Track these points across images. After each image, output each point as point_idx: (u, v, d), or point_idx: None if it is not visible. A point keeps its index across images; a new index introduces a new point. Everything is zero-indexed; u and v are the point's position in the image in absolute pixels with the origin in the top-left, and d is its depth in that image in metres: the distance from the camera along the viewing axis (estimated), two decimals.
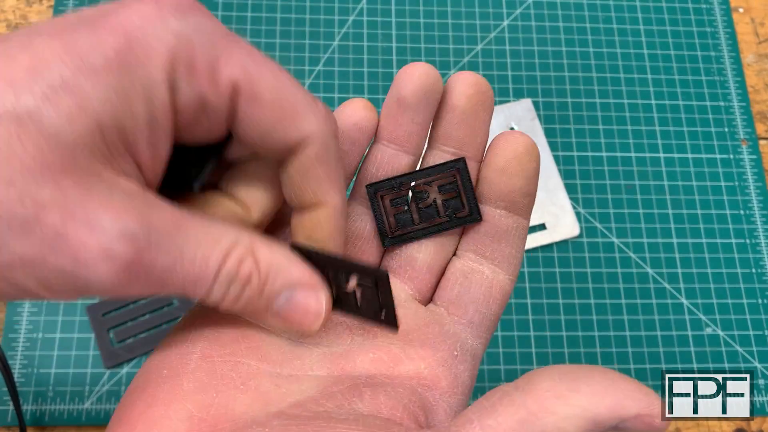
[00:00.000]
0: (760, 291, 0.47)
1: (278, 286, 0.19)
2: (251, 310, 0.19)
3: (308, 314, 0.20)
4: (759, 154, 0.50)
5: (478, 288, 0.23)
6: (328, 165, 0.20)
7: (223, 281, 0.18)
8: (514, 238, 0.23)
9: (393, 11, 0.52)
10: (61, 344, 0.42)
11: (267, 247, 0.19)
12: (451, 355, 0.22)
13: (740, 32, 0.54)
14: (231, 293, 0.18)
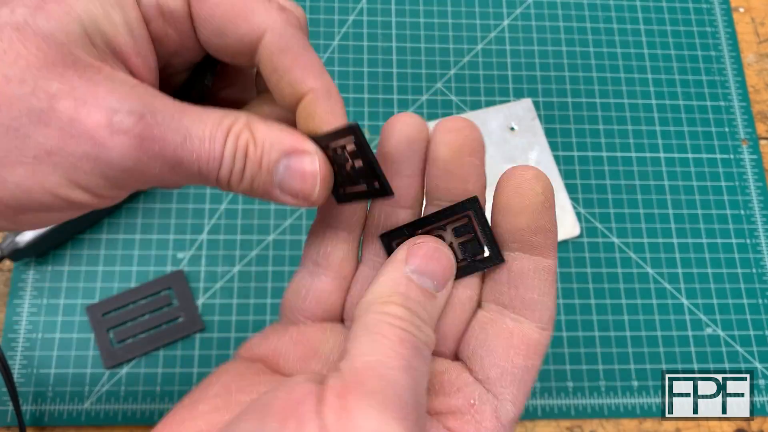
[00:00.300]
0: (761, 291, 0.47)
1: (275, 156, 0.20)
2: (259, 187, 0.20)
3: (306, 177, 0.20)
4: (759, 154, 0.50)
5: (494, 340, 0.21)
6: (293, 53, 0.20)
7: (228, 155, 0.19)
8: (536, 281, 0.21)
9: (393, 11, 0.52)
10: (61, 344, 0.42)
11: (263, 123, 0.20)
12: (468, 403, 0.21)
13: (741, 32, 0.54)
14: (236, 168, 0.19)
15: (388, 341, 0.18)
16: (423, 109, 0.49)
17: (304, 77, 0.20)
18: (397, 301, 0.19)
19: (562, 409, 0.43)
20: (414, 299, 0.20)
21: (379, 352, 0.18)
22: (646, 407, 0.43)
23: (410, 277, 0.20)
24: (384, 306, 0.19)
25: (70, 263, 0.44)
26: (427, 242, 0.21)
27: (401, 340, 0.18)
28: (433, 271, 0.21)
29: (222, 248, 0.45)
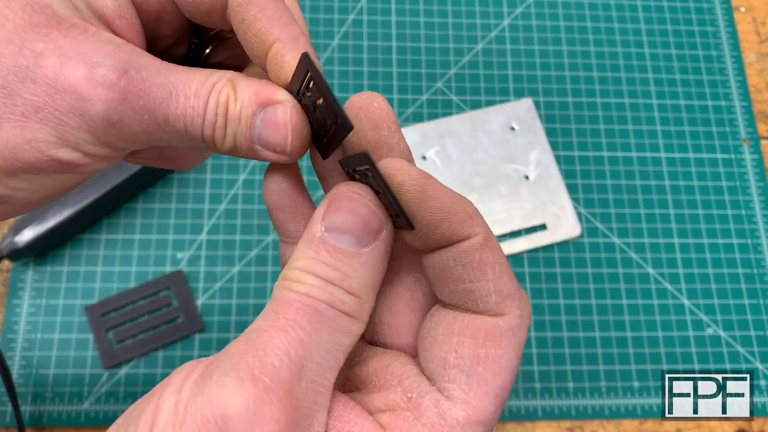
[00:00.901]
0: (762, 291, 0.47)
1: (252, 108, 0.20)
2: (242, 144, 0.20)
3: (279, 127, 0.20)
4: (760, 154, 0.50)
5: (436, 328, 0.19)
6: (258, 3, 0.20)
7: (211, 112, 0.19)
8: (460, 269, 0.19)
9: (393, 11, 0.52)
10: (60, 345, 0.42)
11: (245, 79, 0.20)
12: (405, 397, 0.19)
13: (741, 31, 0.54)
14: (218, 124, 0.19)
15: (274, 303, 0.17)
16: (423, 109, 0.49)
17: (269, 27, 0.20)
18: (300, 266, 0.18)
19: (563, 410, 0.43)
20: (323, 262, 0.17)
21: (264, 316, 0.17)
22: (647, 407, 0.43)
23: (323, 237, 0.18)
24: (288, 270, 0.18)
25: (69, 263, 0.44)
26: (339, 191, 0.18)
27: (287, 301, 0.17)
28: (349, 225, 0.18)
29: (221, 248, 0.45)
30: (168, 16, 0.22)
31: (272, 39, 0.20)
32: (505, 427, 0.42)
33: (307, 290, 0.17)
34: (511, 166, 0.48)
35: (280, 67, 0.20)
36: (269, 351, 0.16)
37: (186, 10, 0.21)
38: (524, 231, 0.47)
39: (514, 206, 0.47)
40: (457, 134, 0.48)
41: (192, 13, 0.21)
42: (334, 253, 0.18)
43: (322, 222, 0.18)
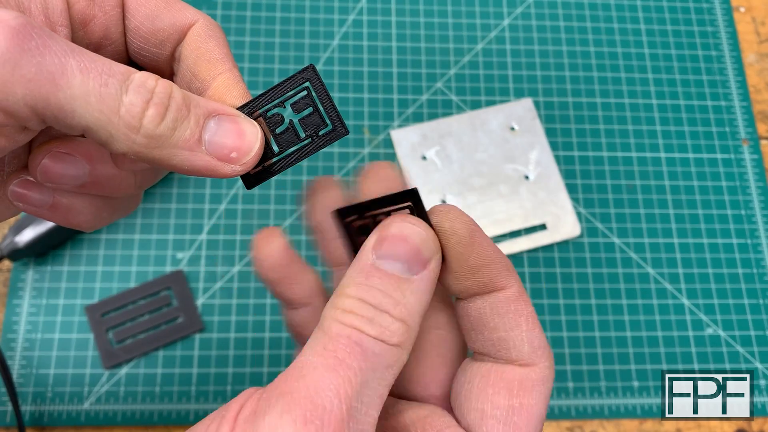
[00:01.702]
0: (762, 291, 0.47)
1: (203, 111, 0.18)
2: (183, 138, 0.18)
3: (243, 133, 0.19)
4: (760, 154, 0.50)
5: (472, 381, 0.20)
6: (219, 41, 0.21)
7: (140, 86, 0.17)
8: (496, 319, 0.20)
9: (393, 11, 0.52)
10: (60, 345, 0.42)
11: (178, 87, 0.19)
12: None
13: (741, 32, 0.54)
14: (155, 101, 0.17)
15: (325, 338, 0.17)
16: (423, 109, 0.49)
17: (224, 59, 0.21)
18: (350, 293, 0.18)
19: (563, 410, 0.43)
20: (375, 287, 0.18)
21: (312, 350, 0.17)
22: (647, 407, 0.43)
23: (375, 264, 0.18)
24: (337, 296, 0.18)
25: (70, 263, 0.44)
26: (395, 221, 0.19)
27: (339, 335, 0.17)
28: (401, 252, 0.18)
29: (221, 248, 0.45)
30: (109, 48, 0.21)
31: (225, 68, 0.21)
32: None
33: (359, 324, 0.17)
34: (511, 166, 0.48)
35: (229, 90, 0.20)
36: (320, 392, 0.16)
37: (139, 37, 0.21)
38: (524, 231, 0.47)
39: (514, 206, 0.47)
40: (457, 134, 0.48)
41: (144, 41, 0.21)
42: (385, 279, 0.18)
43: (373, 251, 0.18)
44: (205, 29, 0.21)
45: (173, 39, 0.21)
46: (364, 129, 0.49)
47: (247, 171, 0.19)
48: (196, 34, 0.21)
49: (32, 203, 0.20)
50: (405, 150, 0.48)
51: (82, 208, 0.21)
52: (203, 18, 0.22)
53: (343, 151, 0.48)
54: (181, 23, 0.21)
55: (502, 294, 0.19)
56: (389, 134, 0.48)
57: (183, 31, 0.21)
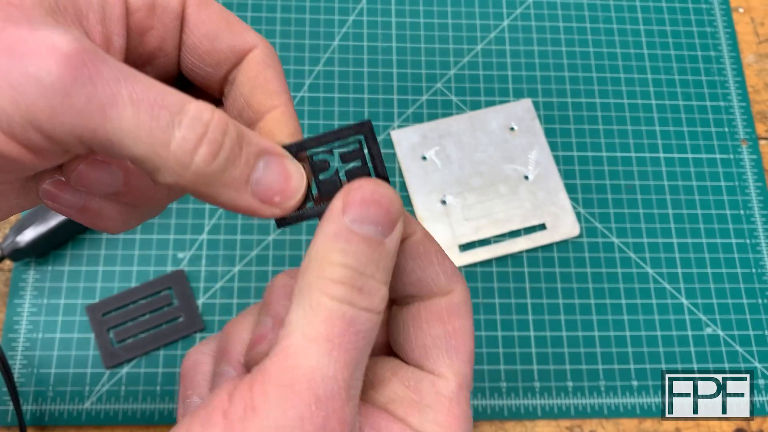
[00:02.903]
0: (760, 291, 0.47)
1: (254, 150, 0.18)
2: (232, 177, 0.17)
3: (290, 177, 0.19)
4: (759, 154, 0.50)
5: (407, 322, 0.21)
6: (276, 69, 0.21)
7: (195, 119, 0.16)
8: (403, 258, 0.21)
9: (393, 11, 0.52)
10: (61, 344, 0.42)
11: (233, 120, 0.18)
12: None
13: (740, 32, 0.54)
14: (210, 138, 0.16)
15: (317, 316, 0.17)
16: (423, 109, 0.50)
17: (280, 92, 0.21)
18: (335, 260, 0.17)
19: (562, 409, 0.43)
20: (356, 252, 0.18)
21: (303, 332, 0.17)
22: (646, 407, 0.43)
23: (350, 227, 0.18)
24: (321, 267, 0.18)
25: (71, 263, 0.44)
26: (364, 185, 0.19)
27: (332, 315, 0.17)
28: (375, 215, 0.18)
29: (222, 248, 0.45)
30: (162, 59, 0.21)
31: (281, 102, 0.21)
32: (504, 426, 0.43)
33: (350, 296, 0.17)
34: (510, 166, 0.48)
35: (281, 127, 0.21)
36: (322, 381, 0.16)
37: (195, 55, 0.21)
38: (523, 231, 0.47)
39: (514, 206, 0.47)
40: (457, 134, 0.49)
41: (200, 59, 0.21)
42: (364, 243, 0.18)
43: (345, 214, 0.18)
44: (264, 57, 0.21)
45: (230, 62, 0.21)
46: None
47: (287, 211, 0.19)
48: (254, 61, 0.21)
49: (63, 204, 0.20)
50: (405, 150, 0.48)
51: (111, 213, 0.21)
52: (263, 44, 0.21)
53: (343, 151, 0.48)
54: (241, 47, 0.21)
55: (410, 239, 0.20)
56: (389, 134, 0.49)
57: (241, 56, 0.21)
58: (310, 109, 0.49)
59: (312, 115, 0.49)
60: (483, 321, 0.44)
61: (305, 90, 0.49)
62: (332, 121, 0.49)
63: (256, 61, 0.21)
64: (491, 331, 0.44)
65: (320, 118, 0.49)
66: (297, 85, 0.50)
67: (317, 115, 0.49)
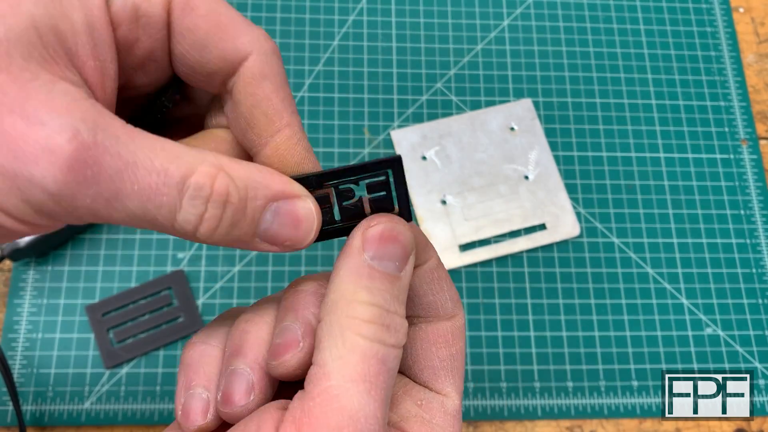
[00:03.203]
0: (761, 291, 0.47)
1: (261, 201, 0.18)
2: (237, 236, 0.18)
3: (300, 222, 0.19)
4: (759, 154, 0.50)
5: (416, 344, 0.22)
6: (275, 81, 0.19)
7: (195, 197, 0.16)
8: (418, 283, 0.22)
9: (393, 11, 0.52)
10: (61, 344, 0.42)
11: (237, 164, 0.18)
12: None
13: (740, 32, 0.54)
14: (210, 214, 0.17)
15: (353, 356, 0.17)
16: (423, 109, 0.50)
17: (282, 110, 0.19)
18: (363, 299, 0.18)
19: (562, 409, 0.43)
20: (380, 289, 0.18)
21: (341, 373, 0.17)
22: (646, 407, 0.43)
23: (371, 264, 0.19)
24: (350, 306, 0.18)
25: (70, 263, 0.44)
26: (382, 222, 0.19)
27: (367, 355, 0.17)
28: (393, 252, 0.19)
29: (222, 248, 0.45)
30: (153, 66, 0.20)
31: (283, 123, 0.19)
32: (504, 426, 0.42)
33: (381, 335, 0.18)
34: (510, 166, 0.48)
35: (289, 154, 0.20)
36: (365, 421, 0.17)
37: (185, 65, 0.19)
38: (524, 231, 0.47)
39: (514, 206, 0.47)
40: (457, 134, 0.49)
41: (191, 69, 0.19)
42: (386, 280, 0.19)
43: (365, 252, 0.19)
44: (260, 67, 0.19)
45: (223, 73, 0.19)
46: (364, 129, 0.49)
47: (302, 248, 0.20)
48: (249, 74, 0.19)
49: None
50: (405, 150, 0.48)
51: None
52: (258, 49, 0.19)
53: (344, 151, 0.48)
54: (233, 57, 0.19)
55: (427, 265, 0.21)
56: (389, 134, 0.49)
57: (234, 66, 0.19)
58: (310, 109, 0.49)
59: (312, 115, 0.49)
60: (483, 321, 0.44)
61: (305, 90, 0.49)
62: (332, 121, 0.49)
63: (251, 75, 0.19)
64: (491, 331, 0.44)
65: (320, 118, 0.49)
66: (297, 85, 0.50)
67: (317, 115, 0.49)
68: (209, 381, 0.20)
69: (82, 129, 0.15)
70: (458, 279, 0.45)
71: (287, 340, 0.19)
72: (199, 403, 0.20)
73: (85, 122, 0.15)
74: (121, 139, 0.16)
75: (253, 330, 0.20)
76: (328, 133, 0.48)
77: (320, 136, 0.48)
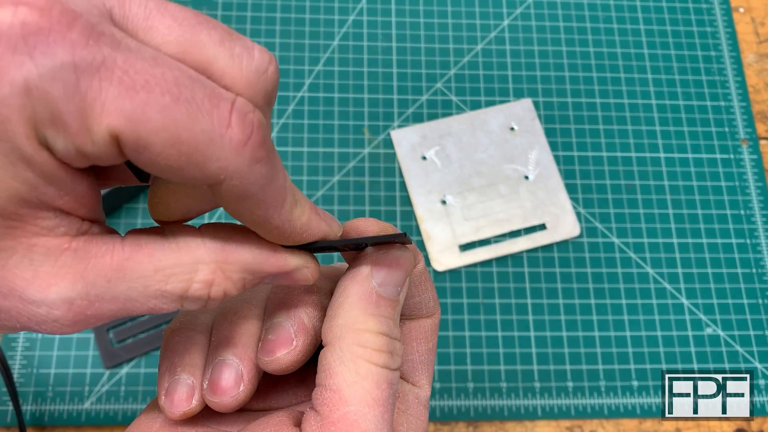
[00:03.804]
0: (761, 291, 0.47)
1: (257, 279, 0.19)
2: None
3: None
4: (759, 154, 0.50)
5: None
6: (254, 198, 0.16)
7: (194, 301, 0.17)
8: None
9: (393, 11, 0.52)
10: (61, 344, 0.42)
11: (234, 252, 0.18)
12: None
13: (740, 32, 0.54)
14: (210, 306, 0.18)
15: (367, 383, 0.19)
16: (423, 109, 0.49)
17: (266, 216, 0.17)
18: (372, 328, 0.19)
19: (562, 409, 0.43)
20: (385, 317, 0.20)
21: (359, 399, 0.18)
22: (646, 407, 0.43)
23: (378, 292, 0.20)
24: (361, 335, 0.19)
25: None
26: (390, 252, 0.21)
27: (378, 381, 0.19)
28: (396, 278, 0.21)
29: None
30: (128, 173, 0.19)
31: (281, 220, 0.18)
32: (504, 426, 0.42)
33: (388, 362, 0.19)
34: (510, 166, 0.48)
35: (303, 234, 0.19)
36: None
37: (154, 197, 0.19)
38: (524, 231, 0.47)
39: (514, 206, 0.47)
40: (457, 134, 0.49)
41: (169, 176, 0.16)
42: (389, 306, 0.20)
43: (374, 278, 0.20)
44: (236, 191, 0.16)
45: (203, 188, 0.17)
46: (364, 129, 0.49)
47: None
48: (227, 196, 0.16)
49: None
50: (405, 150, 0.48)
51: None
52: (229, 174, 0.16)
53: (344, 151, 0.48)
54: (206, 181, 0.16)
55: (415, 270, 0.23)
56: (389, 134, 0.49)
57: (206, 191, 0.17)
58: (310, 109, 0.49)
59: (312, 115, 0.49)
60: (483, 321, 0.44)
61: (305, 90, 0.49)
62: (332, 121, 0.49)
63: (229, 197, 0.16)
64: (491, 331, 0.44)
65: (320, 118, 0.49)
66: (297, 85, 0.50)
67: (317, 115, 0.49)
68: (194, 368, 0.21)
69: (74, 296, 0.16)
70: (458, 279, 0.45)
71: (280, 337, 0.20)
72: (184, 388, 0.20)
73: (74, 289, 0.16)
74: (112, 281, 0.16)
75: (242, 322, 0.21)
76: (328, 133, 0.48)
77: (320, 136, 0.48)
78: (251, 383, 0.20)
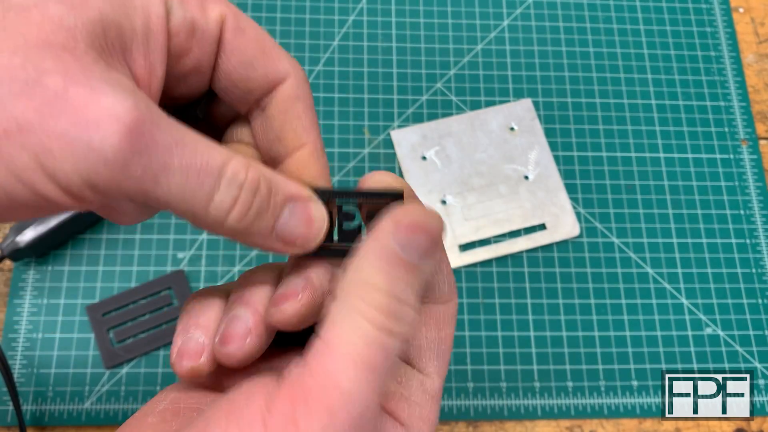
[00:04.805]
0: (761, 291, 0.47)
1: (281, 197, 0.20)
2: (259, 228, 0.19)
3: (312, 222, 0.20)
4: (759, 154, 0.50)
5: None
6: (306, 103, 0.22)
7: (231, 182, 0.18)
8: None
9: (393, 11, 0.52)
10: (61, 344, 0.42)
11: (263, 165, 0.19)
12: None
13: (740, 32, 0.54)
14: (242, 200, 0.18)
15: (359, 340, 0.17)
16: (423, 109, 0.50)
17: (309, 128, 0.22)
18: (378, 284, 0.18)
19: (562, 409, 0.43)
20: (397, 277, 0.18)
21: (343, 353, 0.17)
22: (646, 407, 0.43)
23: (396, 250, 0.18)
24: (364, 289, 0.18)
25: (71, 263, 0.44)
26: (415, 209, 0.19)
27: (371, 343, 0.17)
28: (420, 243, 0.19)
29: (222, 248, 0.45)
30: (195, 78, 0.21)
31: (309, 140, 0.22)
32: (504, 426, 0.43)
33: (389, 324, 0.18)
34: (510, 166, 0.48)
35: (305, 168, 0.22)
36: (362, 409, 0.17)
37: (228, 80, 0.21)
38: (523, 231, 0.47)
39: (514, 206, 0.47)
40: (457, 134, 0.49)
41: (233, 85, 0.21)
42: (408, 270, 0.19)
43: (394, 237, 0.18)
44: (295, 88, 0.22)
45: (262, 90, 0.22)
46: (364, 129, 0.49)
47: (308, 251, 0.21)
48: (286, 93, 0.21)
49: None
50: (405, 150, 0.48)
51: (129, 210, 0.22)
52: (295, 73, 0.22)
53: (344, 151, 0.48)
54: (274, 77, 0.21)
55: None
56: (389, 134, 0.49)
57: (273, 85, 0.22)
58: None
59: None
60: (483, 321, 0.44)
61: None
62: (332, 121, 0.49)
63: (287, 94, 0.21)
64: (491, 331, 0.44)
65: (320, 118, 0.49)
66: None
67: (317, 115, 0.49)
68: (208, 327, 0.21)
69: (140, 103, 0.17)
70: (458, 279, 0.45)
71: (288, 290, 0.20)
72: (195, 345, 0.21)
73: (142, 99, 0.17)
74: (170, 123, 0.17)
75: (256, 281, 0.22)
76: (328, 133, 0.48)
77: None
78: (259, 337, 0.20)
